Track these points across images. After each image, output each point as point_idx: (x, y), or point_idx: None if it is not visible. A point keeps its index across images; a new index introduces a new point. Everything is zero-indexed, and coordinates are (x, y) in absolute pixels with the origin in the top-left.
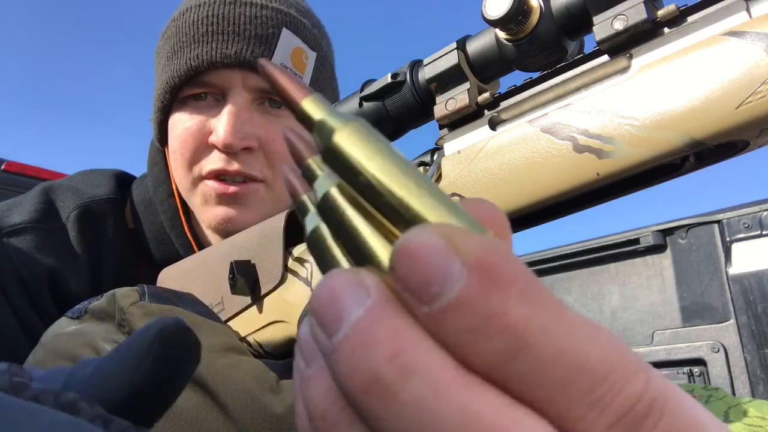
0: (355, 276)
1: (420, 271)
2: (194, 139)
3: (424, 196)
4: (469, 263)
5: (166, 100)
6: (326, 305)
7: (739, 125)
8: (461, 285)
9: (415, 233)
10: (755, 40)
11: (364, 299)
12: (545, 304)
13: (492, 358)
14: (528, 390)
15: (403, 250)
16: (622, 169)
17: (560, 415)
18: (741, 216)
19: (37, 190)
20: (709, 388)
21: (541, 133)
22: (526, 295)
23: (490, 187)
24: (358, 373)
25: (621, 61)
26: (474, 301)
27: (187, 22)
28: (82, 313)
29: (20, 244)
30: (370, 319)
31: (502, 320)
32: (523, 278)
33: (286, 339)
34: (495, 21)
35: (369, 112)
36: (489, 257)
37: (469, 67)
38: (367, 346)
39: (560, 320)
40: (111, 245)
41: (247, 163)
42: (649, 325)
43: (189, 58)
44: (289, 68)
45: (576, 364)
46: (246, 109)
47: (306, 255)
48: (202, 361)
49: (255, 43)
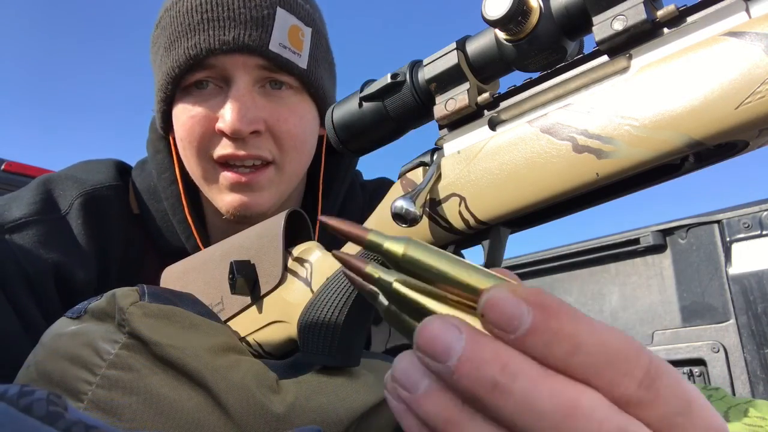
0: (445, 320)
1: (503, 314)
2: (201, 126)
3: (473, 273)
4: (530, 304)
5: (169, 91)
6: (433, 343)
7: (738, 125)
8: (530, 318)
9: (493, 293)
10: (755, 41)
11: (459, 335)
12: (582, 319)
13: (560, 357)
14: (584, 373)
15: (489, 303)
16: (621, 169)
17: (605, 384)
18: (741, 216)
19: (35, 183)
20: (709, 388)
21: (541, 133)
22: (571, 316)
23: (490, 187)
24: (482, 382)
25: (620, 62)
26: (541, 326)
27: (181, 11)
28: (82, 313)
29: (23, 240)
30: (474, 347)
31: (561, 333)
32: (566, 308)
33: (286, 339)
34: (495, 21)
35: (369, 112)
36: (540, 299)
37: (469, 68)
38: (482, 364)
39: (594, 326)
40: (117, 231)
41: (256, 145)
42: (649, 325)
43: (187, 47)
44: (288, 47)
45: (610, 351)
46: (249, 93)
47: (305, 255)
48: (202, 360)
49: (251, 26)
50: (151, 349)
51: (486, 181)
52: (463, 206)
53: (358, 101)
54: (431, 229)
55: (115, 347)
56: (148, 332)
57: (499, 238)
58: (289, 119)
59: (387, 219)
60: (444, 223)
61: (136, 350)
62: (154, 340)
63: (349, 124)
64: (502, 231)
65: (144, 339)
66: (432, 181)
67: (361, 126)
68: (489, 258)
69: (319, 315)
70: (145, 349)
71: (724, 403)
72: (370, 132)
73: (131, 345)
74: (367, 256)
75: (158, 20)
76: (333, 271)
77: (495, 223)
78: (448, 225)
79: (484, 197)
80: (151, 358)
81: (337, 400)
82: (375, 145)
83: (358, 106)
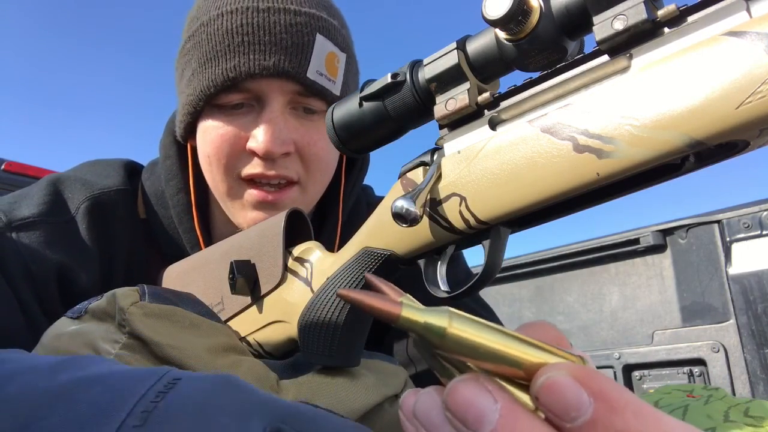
0: (480, 383)
1: (561, 401)
2: (230, 145)
3: (528, 348)
4: (594, 394)
5: (200, 107)
6: (465, 409)
7: (739, 125)
8: (591, 410)
9: (553, 374)
10: (755, 40)
11: (494, 404)
12: (649, 415)
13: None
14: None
15: (546, 387)
16: (622, 169)
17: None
18: (741, 216)
19: (45, 182)
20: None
21: (541, 133)
22: (636, 414)
23: (491, 186)
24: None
25: (621, 61)
26: (602, 421)
27: (220, 29)
28: (82, 313)
29: (29, 239)
30: (508, 418)
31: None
32: (631, 402)
33: (286, 339)
34: (495, 21)
35: (369, 111)
36: (606, 389)
37: (469, 67)
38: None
39: (659, 424)
40: (121, 236)
41: (284, 166)
42: (649, 325)
43: (226, 68)
44: (324, 74)
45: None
46: (282, 115)
47: (306, 255)
48: (202, 360)
49: (292, 52)
50: (151, 349)
51: (486, 180)
52: (464, 206)
53: (358, 101)
54: (431, 229)
55: (116, 347)
56: (148, 332)
57: (499, 238)
58: (318, 143)
59: (387, 220)
60: (444, 223)
61: (136, 350)
62: (154, 340)
63: (349, 124)
64: (502, 231)
65: (144, 339)
66: (432, 180)
67: (361, 126)
68: (489, 258)
69: (320, 315)
70: (145, 349)
71: (725, 403)
72: (371, 132)
73: (132, 345)
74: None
75: (191, 32)
76: (333, 270)
77: (495, 222)
78: (448, 225)
79: (485, 197)
80: (151, 358)
81: (337, 401)
82: (375, 144)
83: (358, 106)
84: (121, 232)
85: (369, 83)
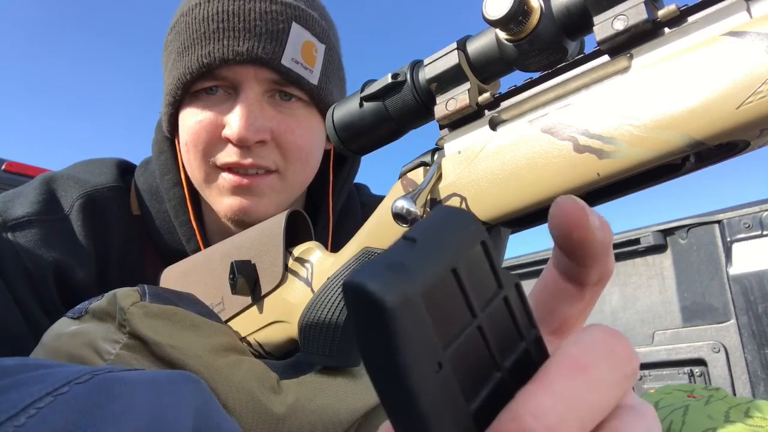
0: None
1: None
2: (207, 132)
3: None
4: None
5: (178, 95)
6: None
7: (739, 125)
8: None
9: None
10: (756, 40)
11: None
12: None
13: None
14: None
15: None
16: (622, 169)
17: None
18: (741, 216)
19: (38, 181)
20: (709, 389)
21: (542, 133)
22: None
23: (491, 187)
24: None
25: (621, 61)
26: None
27: (197, 18)
28: (83, 313)
29: (25, 238)
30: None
31: None
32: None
33: (287, 339)
34: (495, 21)
35: (369, 112)
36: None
37: (470, 67)
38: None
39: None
40: (115, 233)
41: (260, 155)
42: (650, 325)
43: (201, 55)
44: (300, 63)
45: None
46: (258, 103)
47: (306, 255)
48: (202, 361)
49: (266, 39)
50: (151, 349)
51: (487, 181)
52: (464, 206)
53: (358, 101)
54: None
55: (116, 347)
56: (148, 332)
57: (499, 238)
58: (296, 130)
59: (387, 220)
60: None
61: (136, 350)
62: (154, 340)
63: (350, 124)
64: (502, 231)
65: (145, 339)
66: (433, 181)
67: (362, 126)
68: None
69: (320, 315)
70: (145, 350)
71: (725, 404)
72: (371, 132)
73: (132, 345)
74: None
75: (173, 24)
76: (333, 271)
77: (496, 223)
78: None
79: (485, 197)
80: (151, 358)
81: (338, 401)
82: (375, 145)
83: (358, 106)
84: (115, 228)
85: (369, 83)
